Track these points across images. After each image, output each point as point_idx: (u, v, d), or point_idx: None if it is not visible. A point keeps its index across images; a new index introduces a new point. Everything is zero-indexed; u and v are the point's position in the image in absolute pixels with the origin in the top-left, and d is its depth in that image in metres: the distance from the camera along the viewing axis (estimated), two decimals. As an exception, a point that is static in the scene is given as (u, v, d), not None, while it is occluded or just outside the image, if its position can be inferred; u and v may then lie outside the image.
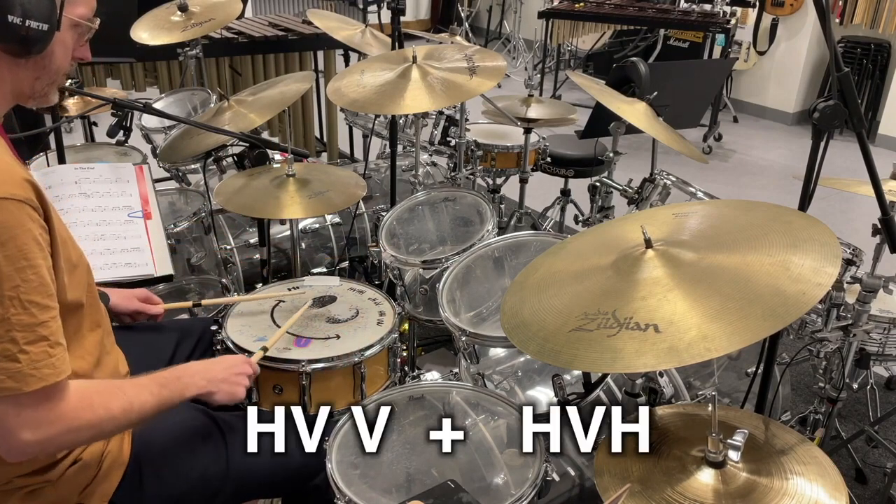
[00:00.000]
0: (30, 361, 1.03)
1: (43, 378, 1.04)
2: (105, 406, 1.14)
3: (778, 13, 5.77)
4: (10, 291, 1.01)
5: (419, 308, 2.08)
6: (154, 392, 1.22)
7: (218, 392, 1.34)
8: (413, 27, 7.72)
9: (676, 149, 2.07)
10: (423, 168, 2.98)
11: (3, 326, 1.01)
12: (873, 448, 2.44)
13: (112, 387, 1.19)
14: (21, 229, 1.02)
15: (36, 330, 1.03)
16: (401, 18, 2.51)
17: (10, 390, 1.02)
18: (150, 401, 1.21)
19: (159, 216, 1.96)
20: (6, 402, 1.03)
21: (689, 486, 1.13)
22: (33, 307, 1.03)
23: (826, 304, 1.72)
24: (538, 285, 1.35)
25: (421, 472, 1.33)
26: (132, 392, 1.19)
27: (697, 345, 1.04)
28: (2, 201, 1.00)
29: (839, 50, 3.97)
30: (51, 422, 1.07)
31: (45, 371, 1.04)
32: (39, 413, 1.05)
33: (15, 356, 1.02)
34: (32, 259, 1.03)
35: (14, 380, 1.02)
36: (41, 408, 1.06)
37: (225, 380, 1.36)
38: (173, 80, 3.65)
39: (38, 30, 1.08)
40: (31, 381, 1.03)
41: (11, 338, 1.01)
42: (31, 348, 1.03)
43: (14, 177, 1.04)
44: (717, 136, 5.46)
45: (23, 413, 1.04)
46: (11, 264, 1.00)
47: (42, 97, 1.19)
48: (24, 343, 1.02)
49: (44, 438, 1.06)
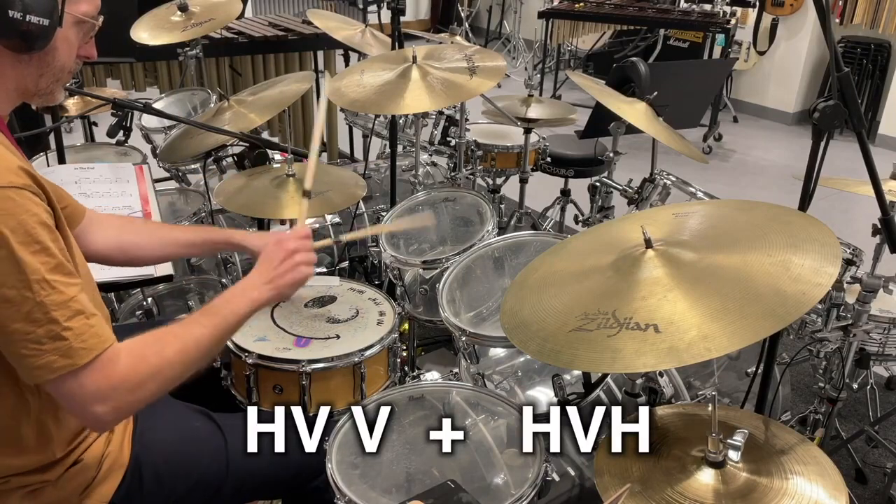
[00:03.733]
0: (75, 336, 1.04)
1: (92, 348, 1.06)
2: (159, 354, 1.15)
3: (778, 13, 5.77)
4: (35, 275, 1.02)
5: (419, 308, 2.08)
6: (204, 323, 1.22)
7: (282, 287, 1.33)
8: (413, 27, 7.73)
9: (676, 149, 2.07)
10: (423, 168, 2.98)
11: (40, 310, 1.02)
12: (873, 448, 2.44)
13: (160, 333, 1.19)
14: (27, 214, 1.02)
15: (70, 305, 1.05)
16: (401, 18, 2.51)
17: (65, 368, 1.04)
18: (203, 333, 1.21)
19: (159, 216, 1.96)
20: (68, 381, 1.05)
21: (689, 486, 1.13)
22: (60, 285, 1.04)
23: (826, 304, 1.72)
24: (538, 285, 1.35)
25: (421, 472, 1.33)
26: (182, 332, 1.20)
27: (697, 345, 1.04)
28: (4, 189, 1.01)
29: (839, 50, 3.97)
30: (114, 388, 1.08)
31: (91, 342, 1.06)
32: (101, 383, 1.07)
33: (60, 335, 1.03)
34: (44, 241, 1.04)
35: (67, 357, 1.04)
36: (101, 378, 1.07)
37: (280, 274, 1.34)
38: (173, 80, 3.65)
39: (39, 25, 1.07)
40: (83, 354, 1.05)
41: (51, 318, 1.03)
42: (72, 323, 1.04)
43: (9, 166, 1.04)
44: (717, 136, 5.46)
45: (86, 388, 1.06)
46: (26, 249, 1.01)
47: (47, 95, 1.19)
48: (64, 320, 1.03)
49: (114, 406, 1.09)
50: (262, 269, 1.36)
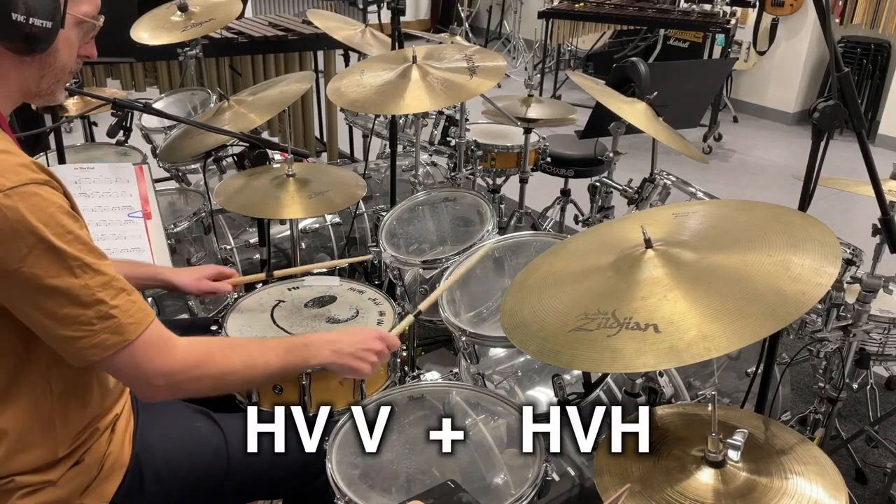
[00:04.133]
0: (122, 313, 1.09)
1: (140, 322, 1.11)
2: (226, 358, 1.21)
3: (778, 13, 5.77)
4: (75, 262, 1.05)
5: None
6: (279, 354, 1.27)
7: (343, 366, 1.36)
8: (413, 27, 7.73)
9: (676, 149, 2.07)
10: (423, 168, 2.98)
11: (86, 292, 1.06)
12: (873, 448, 2.44)
13: (236, 341, 1.26)
14: (53, 207, 1.05)
15: (112, 284, 1.09)
16: (401, 18, 2.51)
17: (118, 345, 1.09)
18: (274, 361, 1.26)
19: (159, 216, 1.96)
20: (124, 358, 1.10)
21: (689, 486, 1.13)
22: (99, 266, 1.08)
23: (826, 304, 1.72)
24: (538, 285, 1.35)
25: (421, 472, 1.33)
26: (257, 350, 1.25)
27: (697, 345, 1.04)
28: (27, 187, 1.03)
29: (839, 50, 3.97)
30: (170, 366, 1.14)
31: (138, 316, 1.11)
32: (156, 359, 1.13)
33: (108, 314, 1.08)
34: (74, 230, 1.06)
35: (118, 333, 1.09)
36: (155, 353, 1.13)
37: (352, 354, 1.36)
38: (173, 80, 3.65)
39: (41, 27, 1.08)
40: (133, 329, 1.10)
41: (98, 299, 1.07)
42: (117, 301, 1.09)
43: (25, 164, 1.06)
44: (717, 136, 5.46)
45: (142, 363, 1.12)
46: (61, 239, 1.04)
47: (49, 95, 1.19)
48: (110, 299, 1.08)
49: (170, 382, 1.15)
50: (350, 341, 1.38)
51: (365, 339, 1.40)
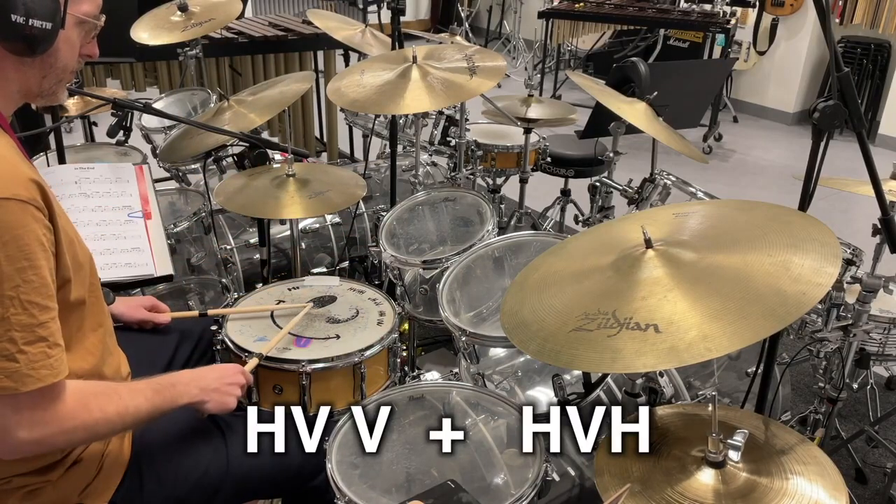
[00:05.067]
0: (28, 362, 1.03)
1: (40, 379, 1.04)
2: (101, 408, 1.14)
3: (778, 13, 5.77)
4: (11, 291, 1.01)
5: (419, 308, 2.08)
6: (148, 397, 1.22)
7: (210, 402, 1.34)
8: (413, 27, 7.72)
9: (676, 149, 2.07)
10: (423, 168, 2.97)
11: (2, 326, 1.01)
12: (873, 448, 2.44)
13: (108, 389, 1.19)
14: (24, 230, 1.02)
15: (35, 330, 1.04)
16: (401, 18, 2.51)
17: (7, 390, 1.02)
18: (144, 405, 1.21)
19: (159, 216, 1.96)
20: (3, 402, 1.04)
21: (689, 486, 1.13)
22: (33, 308, 1.03)
23: (826, 304, 1.72)
24: (538, 285, 1.35)
25: (421, 472, 1.33)
26: (127, 396, 1.19)
27: (697, 345, 1.04)
28: (5, 201, 1.00)
29: (839, 50, 3.96)
30: (46, 422, 1.07)
31: (42, 372, 1.04)
32: (36, 413, 1.06)
33: (13, 356, 1.02)
34: (34, 260, 1.03)
35: (11, 379, 1.02)
36: (38, 408, 1.06)
37: (217, 389, 1.35)
38: (173, 80, 3.65)
39: (41, 29, 1.08)
40: (29, 382, 1.03)
41: (10, 338, 1.02)
42: (29, 349, 1.03)
43: (19, 176, 1.04)
44: (717, 136, 5.46)
45: (20, 412, 1.05)
46: (12, 264, 1.01)
47: (50, 96, 1.19)
48: (22, 343, 1.02)
49: (39, 438, 1.07)
50: (214, 377, 1.37)
51: (227, 373, 1.40)
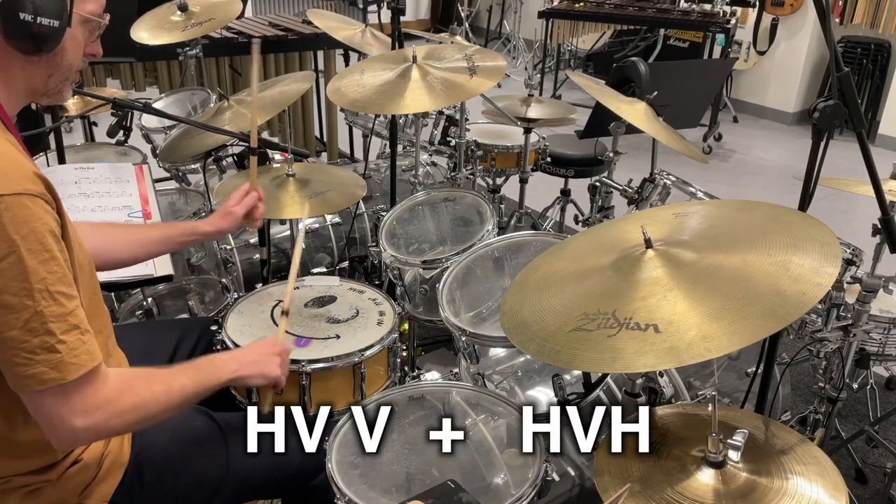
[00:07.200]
0: (68, 350, 1.05)
1: (82, 364, 1.07)
2: (147, 389, 1.17)
3: (778, 13, 5.77)
4: (39, 284, 1.02)
5: (419, 308, 2.08)
6: (191, 376, 1.25)
7: (251, 374, 1.36)
8: (413, 27, 7.72)
9: (676, 149, 2.07)
10: (423, 168, 2.98)
11: (38, 320, 1.02)
12: (873, 448, 2.44)
13: (151, 372, 1.21)
14: (39, 222, 1.03)
15: (67, 319, 1.06)
16: (401, 18, 2.51)
17: (54, 381, 1.05)
18: (188, 384, 1.24)
19: (159, 216, 1.96)
20: (54, 394, 1.06)
21: (689, 486, 1.13)
22: (61, 297, 1.05)
23: (826, 304, 1.72)
24: (538, 285, 1.35)
25: (421, 472, 1.33)
26: (170, 376, 1.22)
27: (697, 345, 1.04)
28: (18, 197, 1.01)
29: (839, 50, 3.96)
30: (97, 407, 1.09)
31: (83, 357, 1.07)
32: (85, 400, 1.08)
33: (54, 347, 1.04)
34: (52, 251, 1.04)
35: (57, 370, 1.04)
36: (86, 395, 1.08)
37: (255, 361, 1.37)
38: (173, 80, 3.65)
39: (49, 27, 1.08)
40: (73, 370, 1.06)
41: (48, 330, 1.03)
42: (66, 337, 1.05)
43: (26, 172, 1.05)
44: (717, 136, 5.46)
45: (70, 402, 1.07)
46: (35, 257, 1.02)
47: (56, 94, 1.20)
48: (60, 333, 1.04)
49: (93, 424, 1.09)
50: (250, 350, 1.41)
51: (262, 346, 1.42)
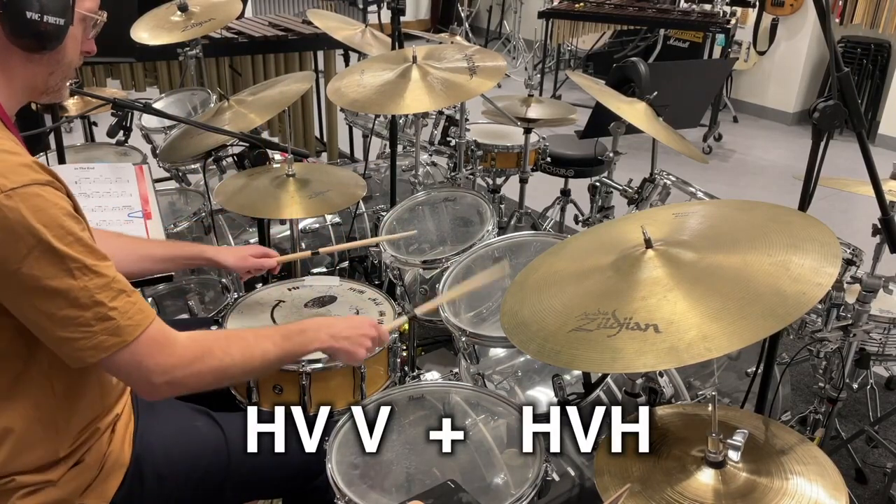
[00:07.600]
0: (121, 314, 1.09)
1: (138, 324, 1.11)
2: (226, 351, 1.22)
3: (778, 13, 5.77)
4: (74, 263, 1.05)
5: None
6: (277, 342, 1.28)
7: (340, 350, 1.36)
8: (413, 27, 7.72)
9: (676, 149, 2.07)
10: (423, 168, 2.98)
11: (85, 294, 1.06)
12: (873, 448, 2.44)
13: (233, 334, 1.26)
14: (55, 208, 1.05)
15: (112, 286, 1.09)
16: (401, 18, 2.51)
17: (117, 345, 1.09)
18: (272, 350, 1.26)
19: (159, 216, 1.96)
20: (124, 357, 1.11)
21: (689, 486, 1.13)
22: (99, 268, 1.08)
23: (826, 304, 1.72)
24: (538, 285, 1.35)
25: (421, 472, 1.33)
26: (254, 340, 1.26)
27: (697, 345, 1.04)
28: (29, 188, 1.03)
29: (839, 50, 3.97)
30: (173, 364, 1.15)
31: (137, 318, 1.11)
32: (158, 359, 1.14)
33: (107, 315, 1.08)
34: (75, 232, 1.06)
35: (116, 335, 1.09)
36: (155, 354, 1.13)
37: (348, 338, 1.37)
38: (173, 80, 3.65)
39: (55, 25, 1.09)
40: (131, 330, 1.10)
41: (96, 300, 1.07)
42: (116, 304, 1.09)
43: (29, 163, 1.06)
44: (717, 136, 5.46)
45: (142, 361, 1.12)
46: (62, 241, 1.04)
47: (55, 92, 1.20)
48: (109, 301, 1.08)
49: (171, 380, 1.15)
50: (346, 325, 1.40)
51: (361, 324, 1.42)
